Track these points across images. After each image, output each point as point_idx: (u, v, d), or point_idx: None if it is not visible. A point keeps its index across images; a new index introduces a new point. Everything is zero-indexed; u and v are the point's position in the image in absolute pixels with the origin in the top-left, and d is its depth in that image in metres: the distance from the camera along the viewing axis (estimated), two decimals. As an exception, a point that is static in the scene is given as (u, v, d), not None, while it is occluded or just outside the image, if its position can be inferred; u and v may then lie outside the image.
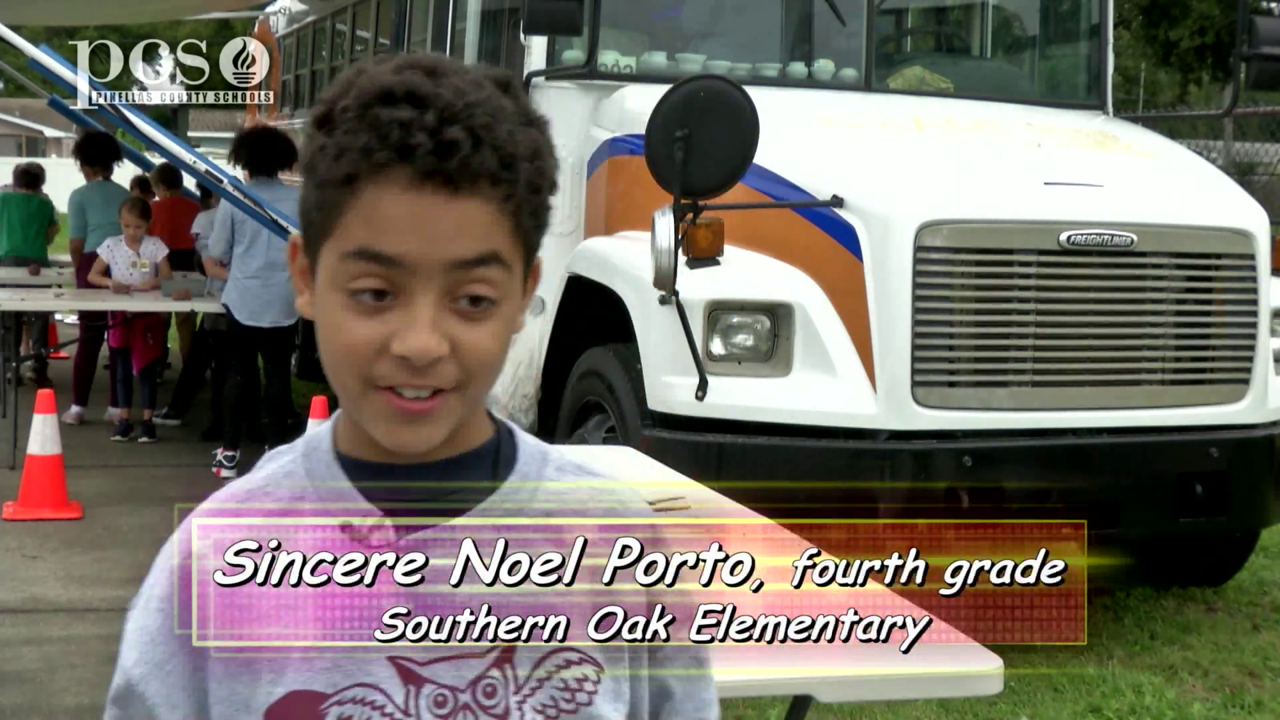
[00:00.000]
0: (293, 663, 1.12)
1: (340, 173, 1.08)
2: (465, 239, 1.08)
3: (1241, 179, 9.45)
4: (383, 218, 1.07)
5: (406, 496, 1.15)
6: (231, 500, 1.18)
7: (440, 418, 1.11)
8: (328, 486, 1.16)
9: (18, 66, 14.42)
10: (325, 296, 1.12)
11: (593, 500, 1.21)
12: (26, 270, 10.12)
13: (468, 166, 1.07)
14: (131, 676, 1.16)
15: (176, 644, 1.14)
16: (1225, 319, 5.23)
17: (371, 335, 1.09)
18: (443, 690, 1.13)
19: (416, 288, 1.08)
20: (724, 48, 6.23)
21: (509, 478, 1.19)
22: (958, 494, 4.82)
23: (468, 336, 1.10)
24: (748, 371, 4.87)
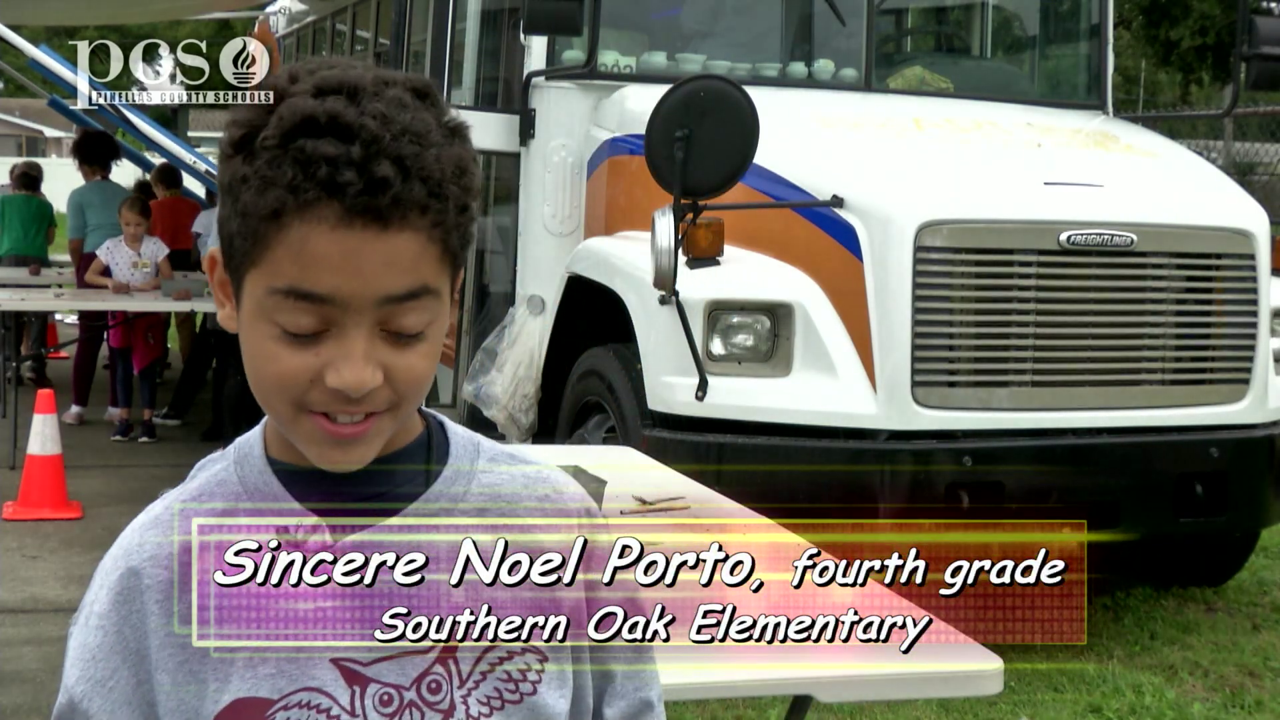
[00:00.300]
0: (236, 669, 1.12)
1: (266, 208, 1.06)
2: (394, 274, 1.07)
3: (1241, 179, 9.45)
4: (311, 255, 1.05)
5: (341, 498, 1.15)
6: (166, 512, 1.18)
7: (372, 438, 1.12)
8: (262, 492, 1.16)
9: (18, 66, 14.42)
10: (253, 325, 1.10)
11: (526, 489, 1.21)
12: (26, 270, 10.11)
13: (397, 201, 1.05)
14: (74, 695, 1.15)
15: (119, 660, 1.14)
16: (1225, 319, 5.23)
17: (304, 366, 1.08)
18: (388, 689, 1.13)
19: (348, 322, 1.07)
20: (724, 48, 6.23)
21: (442, 474, 1.19)
22: (958, 494, 4.83)
23: (400, 362, 1.09)
24: (748, 371, 4.87)
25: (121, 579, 1.16)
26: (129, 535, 1.19)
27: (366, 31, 9.43)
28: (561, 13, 5.09)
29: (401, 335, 1.09)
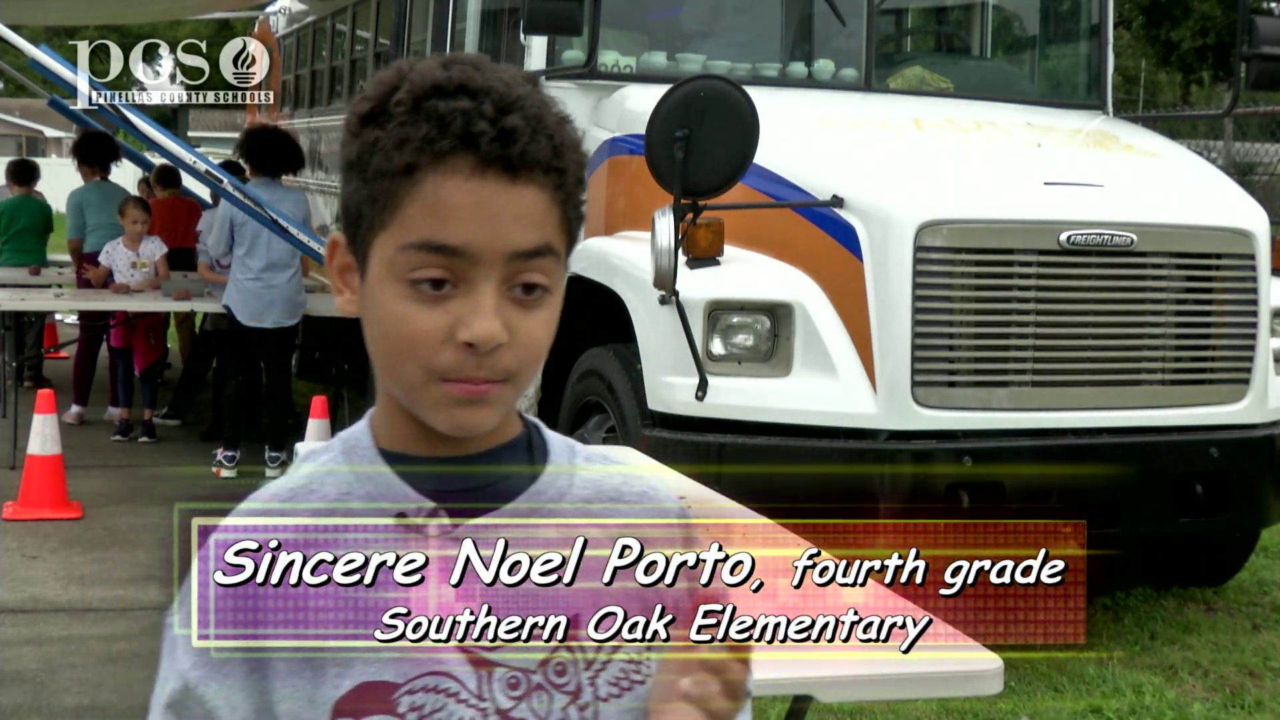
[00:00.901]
0: (359, 655, 1.11)
1: (400, 163, 1.09)
2: (523, 228, 1.10)
3: (1241, 179, 9.45)
4: (445, 206, 1.09)
5: (454, 485, 1.16)
6: (275, 500, 1.18)
7: (494, 402, 1.13)
8: (375, 480, 1.16)
9: (18, 66, 14.42)
10: (381, 289, 1.12)
11: (625, 485, 1.24)
12: (27, 270, 10.11)
13: (526, 154, 1.09)
14: (189, 680, 1.14)
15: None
16: (1225, 319, 5.23)
17: (435, 324, 1.10)
18: (515, 673, 1.14)
19: (478, 276, 1.10)
20: (724, 48, 6.23)
21: (547, 466, 1.21)
22: (958, 494, 4.83)
23: (523, 325, 1.12)
24: (748, 371, 4.87)
25: (234, 564, 1.13)
26: (236, 521, 1.17)
27: (366, 31, 9.44)
28: (561, 13, 5.09)
29: (528, 293, 1.12)
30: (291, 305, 7.70)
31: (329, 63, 10.61)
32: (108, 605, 5.45)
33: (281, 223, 7.29)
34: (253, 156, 8.03)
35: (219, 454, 7.83)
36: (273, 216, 7.27)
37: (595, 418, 5.34)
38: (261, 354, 7.88)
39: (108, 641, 5.04)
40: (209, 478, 7.71)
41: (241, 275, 7.60)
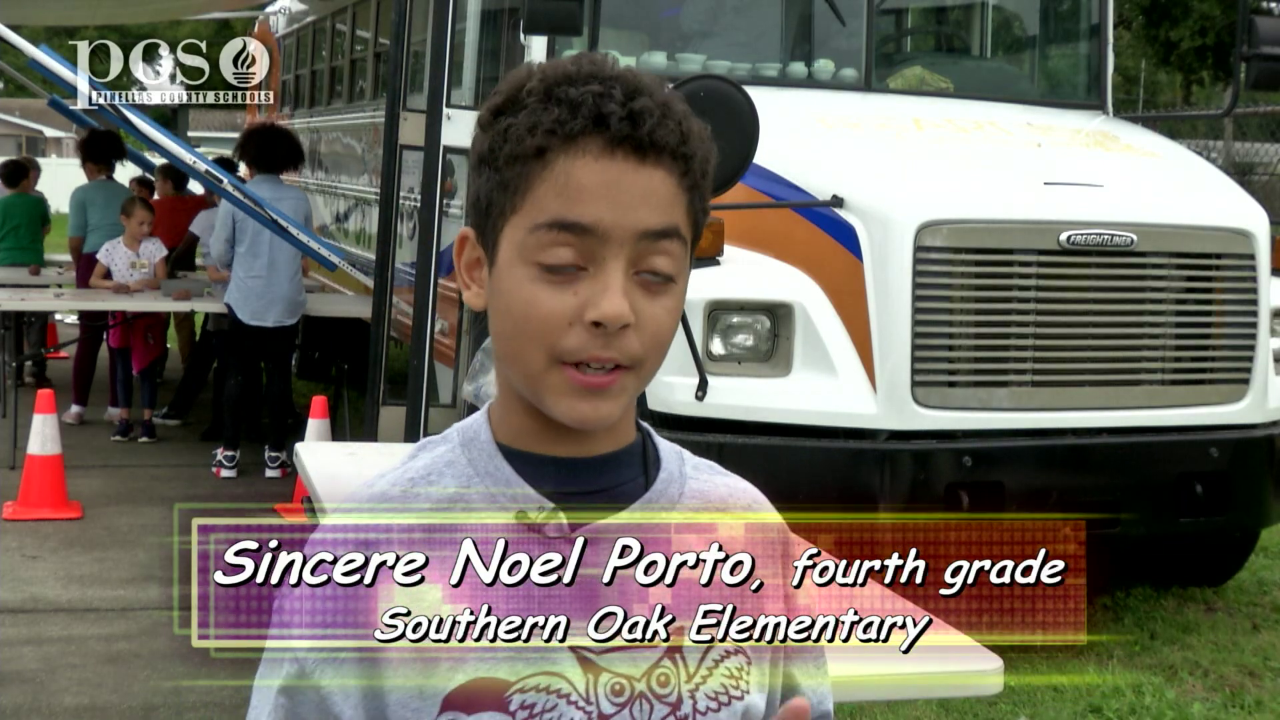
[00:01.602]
0: (474, 650, 1.11)
1: (532, 146, 1.11)
2: (652, 208, 1.12)
3: (1241, 179, 9.45)
4: (576, 186, 1.10)
5: (571, 487, 1.17)
6: (395, 488, 1.18)
7: (618, 394, 1.14)
8: (494, 475, 1.17)
9: (18, 66, 14.42)
10: (510, 272, 1.13)
11: (731, 497, 1.26)
12: (27, 270, 10.11)
13: (655, 135, 1.11)
14: (305, 665, 1.14)
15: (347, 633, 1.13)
16: (1225, 319, 5.23)
17: (563, 305, 1.11)
18: (619, 679, 1.15)
19: (607, 256, 1.11)
20: (724, 48, 6.23)
21: (659, 475, 1.23)
22: (958, 494, 4.83)
23: (649, 310, 1.13)
24: (748, 371, 4.87)
25: (350, 551, 1.13)
26: (351, 508, 1.18)
27: (366, 31, 9.43)
28: (561, 13, 5.09)
29: (654, 278, 1.13)
30: (292, 304, 7.70)
31: (329, 63, 10.60)
32: (108, 605, 5.45)
33: (282, 223, 7.30)
34: (252, 154, 8.03)
35: (219, 454, 7.82)
36: (273, 216, 7.27)
37: (595, 418, 5.34)
38: (262, 353, 7.88)
39: (108, 641, 5.04)
40: (209, 478, 7.72)
41: (242, 273, 7.60)
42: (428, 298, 5.76)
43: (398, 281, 6.58)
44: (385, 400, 6.26)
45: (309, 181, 10.73)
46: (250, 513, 1.15)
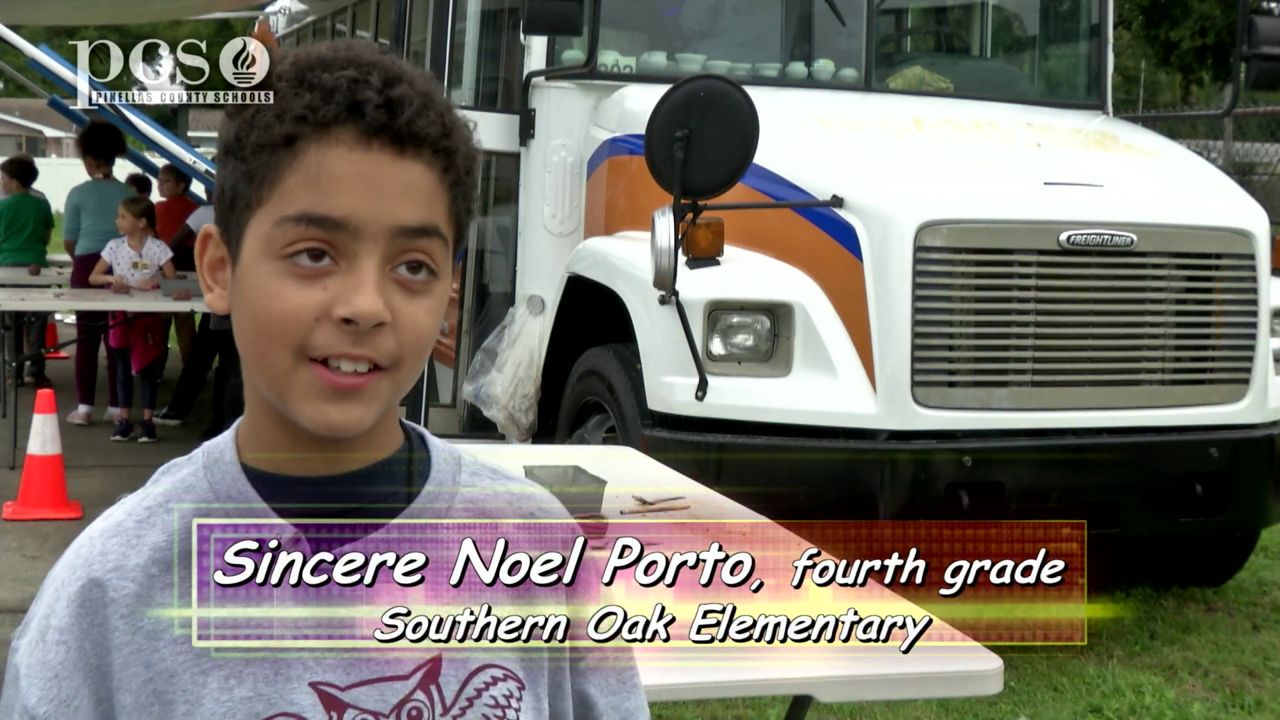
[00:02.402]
0: (209, 693, 1.05)
1: (280, 134, 1.05)
2: (409, 203, 1.05)
3: (1241, 179, 9.45)
4: (328, 177, 1.04)
5: (319, 511, 1.09)
6: (130, 519, 1.11)
7: (371, 397, 1.06)
8: (235, 500, 1.09)
9: (18, 66, 14.42)
10: (254, 269, 1.05)
11: (510, 506, 1.17)
12: (27, 270, 10.11)
13: (414, 126, 1.05)
14: (35, 715, 1.07)
15: (81, 678, 1.07)
16: (1225, 319, 5.23)
17: (311, 300, 1.03)
18: (365, 715, 1.08)
19: (360, 251, 1.04)
20: (724, 48, 6.23)
21: (424, 488, 1.14)
22: (958, 494, 4.83)
23: (407, 309, 1.06)
24: (748, 371, 4.87)
25: (82, 590, 1.08)
26: (88, 543, 1.10)
27: (366, 31, 9.43)
28: (561, 13, 5.09)
29: (412, 271, 1.06)
30: None
31: (329, 63, 10.59)
32: (108, 605, 5.45)
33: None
34: None
35: (219, 454, 7.82)
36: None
37: (595, 418, 5.35)
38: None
39: (108, 641, 5.04)
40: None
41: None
42: (428, 298, 5.75)
43: (398, 281, 6.57)
44: (385, 400, 6.25)
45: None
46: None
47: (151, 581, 1.08)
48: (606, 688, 1.21)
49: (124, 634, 1.07)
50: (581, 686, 1.20)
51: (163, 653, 1.06)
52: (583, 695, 1.20)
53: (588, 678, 1.20)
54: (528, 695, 1.14)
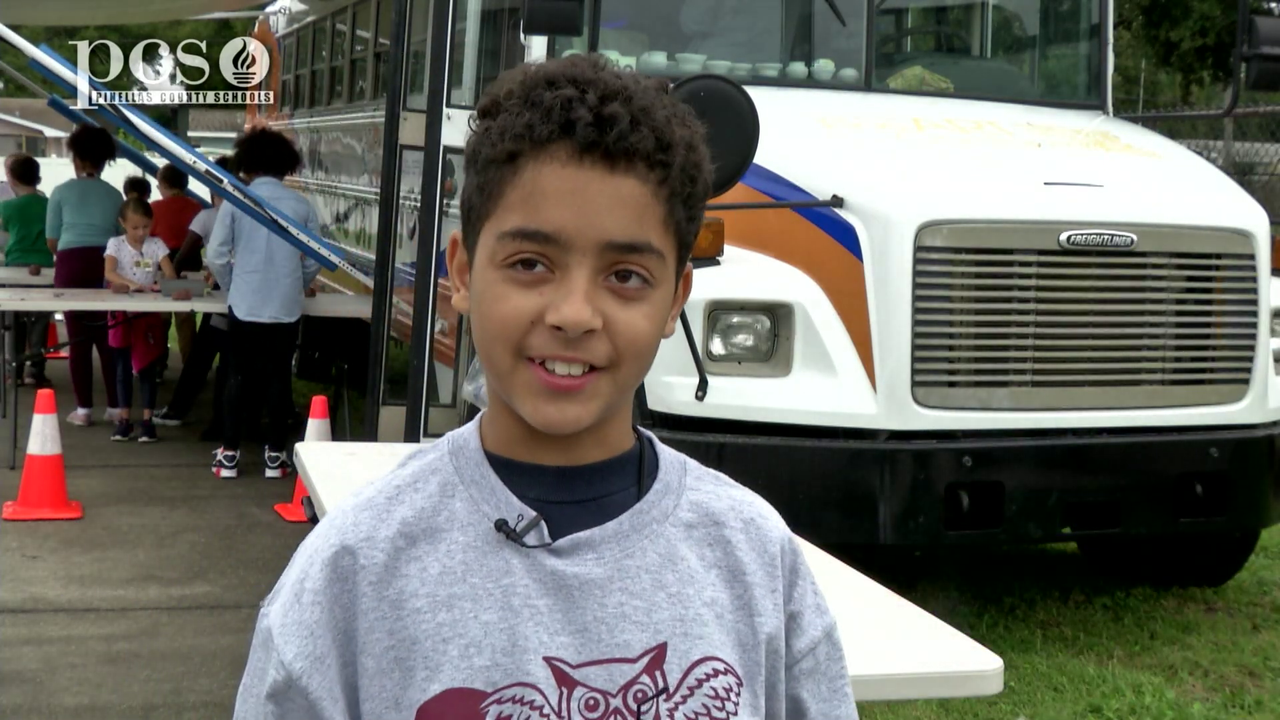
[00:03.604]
0: (449, 660, 1.10)
1: (503, 151, 1.10)
2: (618, 219, 1.09)
3: (1241, 179, 9.45)
4: (541, 192, 1.09)
5: (558, 496, 1.15)
6: (381, 495, 1.17)
7: (589, 398, 1.11)
8: (479, 483, 1.16)
9: (18, 66, 14.42)
10: (483, 275, 1.12)
11: (732, 512, 1.21)
12: (27, 270, 10.11)
13: (625, 141, 1.08)
14: (292, 670, 1.12)
15: (331, 639, 1.12)
16: (1225, 319, 5.23)
17: (526, 306, 1.09)
18: (594, 694, 1.12)
19: (571, 262, 1.09)
20: (724, 48, 6.23)
21: (654, 485, 1.19)
22: (958, 494, 4.83)
23: (621, 315, 1.10)
24: (748, 371, 4.87)
25: (335, 557, 1.13)
26: (342, 515, 1.16)
27: (366, 31, 9.43)
28: (561, 13, 5.09)
29: (626, 282, 1.10)
30: (289, 301, 7.68)
31: (329, 63, 10.60)
32: (108, 605, 5.45)
33: (282, 223, 7.30)
34: (250, 160, 8.02)
35: (219, 454, 7.83)
36: (273, 216, 7.27)
37: (595, 418, 5.34)
38: (261, 352, 7.88)
39: (108, 641, 5.04)
40: (209, 478, 7.72)
41: (239, 270, 7.61)
42: (428, 298, 5.76)
43: (398, 281, 6.58)
44: (385, 400, 6.27)
45: (309, 181, 10.73)
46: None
47: (399, 553, 1.13)
48: (818, 694, 1.24)
49: (371, 600, 1.12)
50: (795, 691, 1.23)
51: (405, 621, 1.11)
52: (796, 700, 1.24)
53: (801, 683, 1.23)
54: (745, 692, 1.18)
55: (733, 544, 1.19)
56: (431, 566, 1.12)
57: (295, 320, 7.85)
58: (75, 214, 9.24)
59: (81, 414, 9.08)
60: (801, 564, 1.23)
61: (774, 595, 1.19)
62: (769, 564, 1.20)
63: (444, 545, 1.13)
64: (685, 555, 1.17)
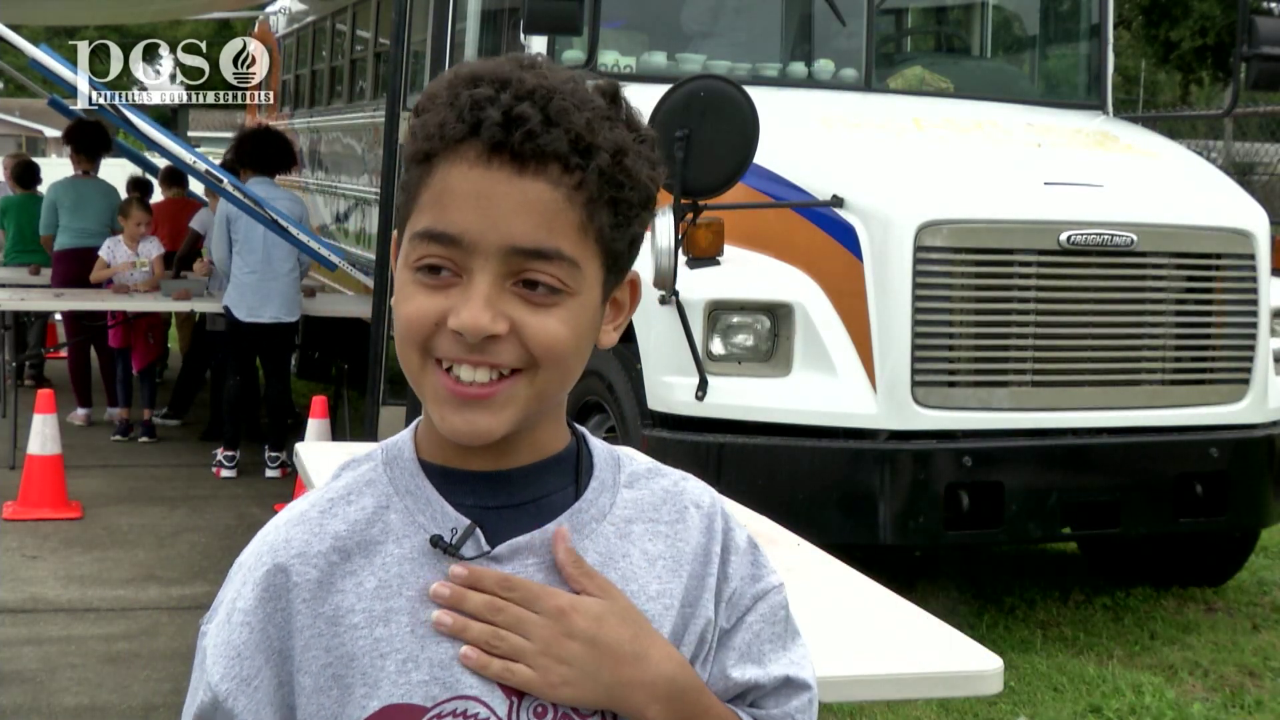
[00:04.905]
0: (387, 676, 1.09)
1: (419, 151, 1.09)
2: (524, 223, 1.06)
3: (1241, 179, 9.45)
4: (449, 194, 1.06)
5: (494, 502, 1.14)
6: (313, 509, 1.15)
7: (501, 406, 1.09)
8: (413, 494, 1.14)
9: (18, 66, 14.42)
10: (400, 274, 1.11)
11: (665, 503, 1.20)
12: (27, 270, 10.10)
13: (533, 142, 1.05)
14: (218, 692, 1.11)
15: (263, 659, 1.11)
16: (1225, 319, 5.23)
17: (431, 307, 1.07)
18: (541, 702, 1.11)
19: (474, 266, 1.06)
20: (724, 48, 6.23)
21: (589, 484, 1.17)
22: (958, 494, 4.83)
23: (531, 319, 1.07)
24: (748, 371, 4.87)
25: (267, 575, 1.11)
26: (274, 531, 1.15)
27: (366, 31, 9.43)
28: (561, 13, 5.09)
29: (529, 287, 1.07)
30: (288, 301, 7.68)
31: (329, 63, 10.60)
32: (108, 605, 5.45)
33: (281, 222, 7.30)
34: (248, 157, 8.02)
35: (218, 454, 7.83)
36: (272, 216, 7.27)
37: (595, 417, 5.35)
38: (260, 351, 7.88)
39: (108, 641, 5.04)
40: (209, 478, 7.72)
41: (238, 271, 7.61)
42: (428, 298, 5.75)
43: (398, 281, 6.57)
44: (385, 400, 6.26)
45: (309, 181, 10.73)
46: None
47: (333, 568, 1.11)
48: (752, 659, 1.21)
49: (306, 618, 1.10)
50: (724, 667, 1.20)
51: (343, 637, 1.10)
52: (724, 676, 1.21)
53: (729, 655, 1.21)
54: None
55: (670, 535, 1.17)
56: (367, 581, 1.10)
57: (295, 320, 7.85)
58: (71, 216, 9.23)
59: (81, 414, 9.09)
60: (734, 540, 1.21)
61: (710, 579, 1.17)
62: (704, 549, 1.18)
63: (379, 559, 1.11)
64: (627, 551, 1.15)
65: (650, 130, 1.13)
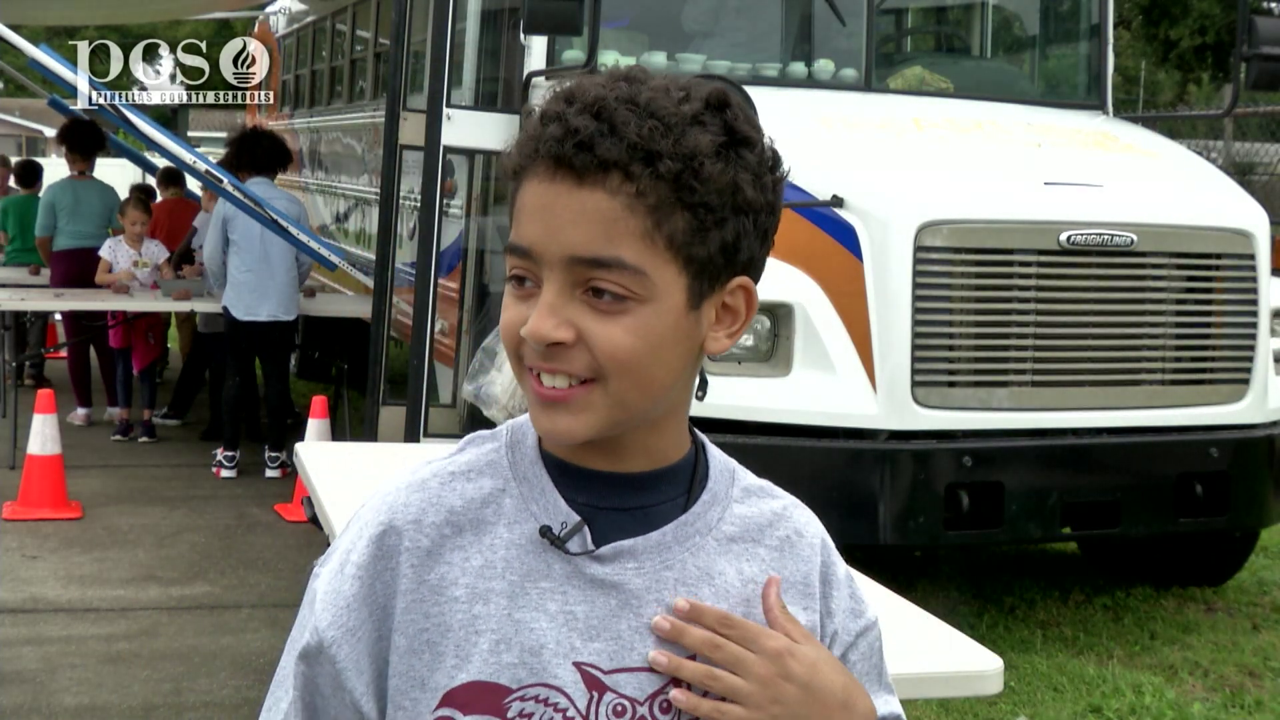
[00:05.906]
0: (479, 652, 1.12)
1: (509, 167, 1.13)
2: (582, 233, 1.07)
3: (1241, 179, 9.45)
4: (524, 208, 1.11)
5: (607, 503, 1.16)
6: (435, 479, 1.18)
7: (580, 410, 1.11)
8: (530, 482, 1.17)
9: (18, 66, 14.42)
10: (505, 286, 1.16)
11: (771, 526, 1.23)
12: (27, 270, 10.10)
13: (589, 153, 1.06)
14: (324, 638, 1.15)
15: (367, 613, 1.14)
16: (1225, 319, 5.23)
17: (516, 317, 1.11)
18: (623, 700, 1.13)
19: (545, 277, 1.09)
20: (724, 48, 6.23)
21: (701, 496, 1.20)
22: (958, 494, 4.83)
23: (598, 329, 1.09)
24: (748, 371, 4.87)
25: (383, 535, 1.15)
26: (395, 493, 1.18)
27: (366, 31, 9.43)
28: (561, 13, 5.09)
29: (596, 295, 1.09)
30: (286, 299, 7.67)
31: (329, 63, 10.60)
32: (108, 605, 5.45)
33: (281, 222, 7.30)
34: (245, 159, 8.00)
35: (218, 454, 7.83)
36: (273, 216, 7.27)
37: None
38: (259, 351, 7.87)
39: (108, 641, 5.04)
40: (209, 478, 7.72)
41: (235, 270, 7.61)
42: (428, 298, 5.76)
43: (398, 281, 6.58)
44: (385, 400, 6.26)
45: (309, 181, 10.73)
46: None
47: (444, 540, 1.15)
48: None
49: (410, 582, 1.14)
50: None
51: (443, 607, 1.13)
52: None
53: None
54: None
55: (768, 559, 1.20)
56: (474, 558, 1.14)
57: (293, 319, 7.84)
58: (68, 219, 9.22)
59: (81, 414, 9.09)
60: (835, 573, 1.24)
61: (808, 613, 1.20)
62: (804, 579, 1.21)
63: (488, 539, 1.15)
64: (723, 569, 1.17)
65: (758, 135, 1.13)
